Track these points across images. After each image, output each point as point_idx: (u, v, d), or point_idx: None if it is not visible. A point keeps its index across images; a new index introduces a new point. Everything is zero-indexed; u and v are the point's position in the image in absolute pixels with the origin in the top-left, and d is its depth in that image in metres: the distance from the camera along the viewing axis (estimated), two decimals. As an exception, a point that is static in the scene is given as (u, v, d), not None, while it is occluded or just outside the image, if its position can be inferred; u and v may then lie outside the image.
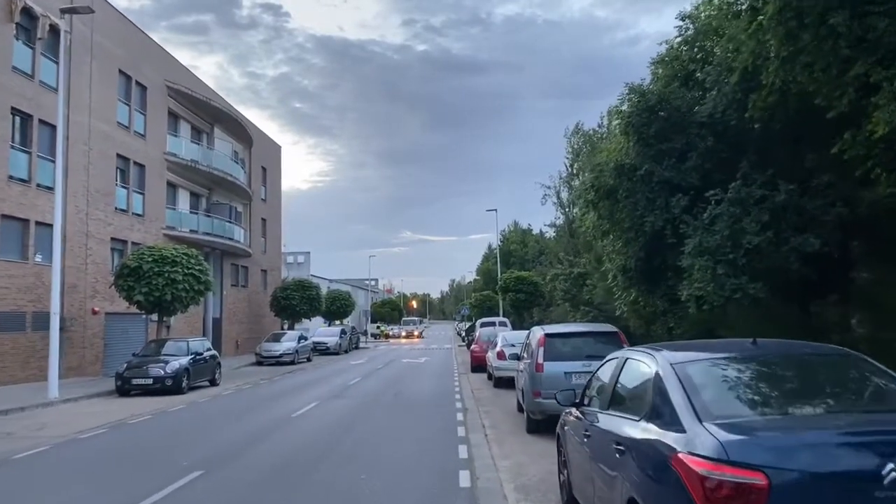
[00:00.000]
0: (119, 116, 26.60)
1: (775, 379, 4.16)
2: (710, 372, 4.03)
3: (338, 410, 14.21)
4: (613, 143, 16.91)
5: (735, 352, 4.34)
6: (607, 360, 5.68)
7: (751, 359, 4.19)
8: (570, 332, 11.37)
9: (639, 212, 14.86)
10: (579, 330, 11.60)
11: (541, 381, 10.28)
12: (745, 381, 4.03)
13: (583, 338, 10.93)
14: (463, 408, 14.24)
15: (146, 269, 21.63)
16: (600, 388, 5.56)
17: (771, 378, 4.15)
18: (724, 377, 4.02)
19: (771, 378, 4.15)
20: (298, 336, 33.38)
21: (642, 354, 4.69)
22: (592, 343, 10.78)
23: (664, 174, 14.63)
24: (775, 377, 4.17)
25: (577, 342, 10.79)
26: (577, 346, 10.69)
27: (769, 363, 4.24)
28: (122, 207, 26.77)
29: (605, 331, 11.03)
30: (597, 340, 10.83)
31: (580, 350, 10.57)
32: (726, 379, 4.01)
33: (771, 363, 4.25)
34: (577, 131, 57.29)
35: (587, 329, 11.61)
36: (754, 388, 4.00)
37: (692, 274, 13.13)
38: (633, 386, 4.72)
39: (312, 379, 23.10)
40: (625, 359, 5.05)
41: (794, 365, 4.30)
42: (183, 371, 18.62)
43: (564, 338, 10.88)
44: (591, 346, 10.70)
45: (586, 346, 10.67)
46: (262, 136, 44.30)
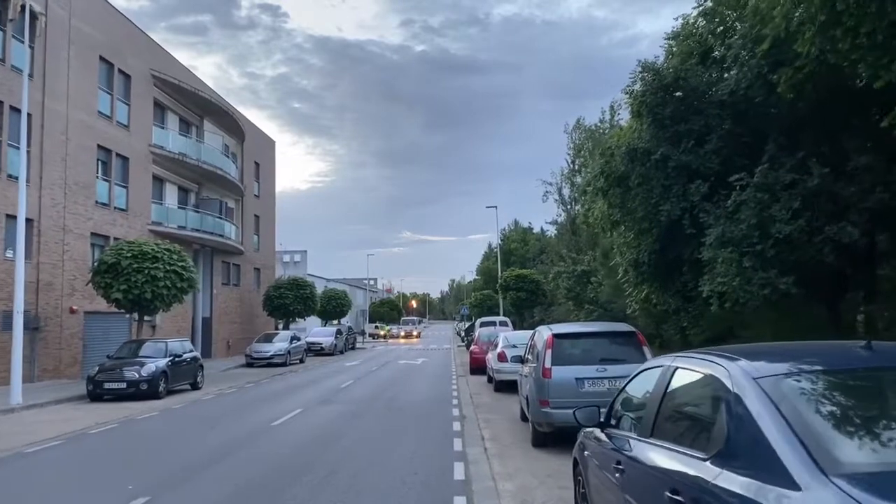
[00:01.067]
0: (100, 106, 25.28)
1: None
2: (817, 392, 2.71)
3: (323, 418, 12.90)
4: (625, 128, 15.57)
5: (845, 360, 3.01)
6: (645, 370, 4.36)
7: (874, 371, 2.86)
8: (582, 332, 10.02)
9: (653, 200, 13.56)
10: (592, 330, 10.26)
11: (549, 388, 8.98)
12: (877, 406, 2.71)
13: (596, 338, 9.60)
14: (460, 415, 12.95)
15: (125, 266, 20.33)
16: (636, 406, 4.26)
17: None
18: (842, 400, 2.70)
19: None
20: (291, 336, 32.07)
21: (703, 363, 3.36)
22: (607, 344, 9.47)
23: (681, 158, 13.33)
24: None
25: (589, 344, 9.48)
26: (589, 348, 9.38)
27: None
28: (103, 201, 25.44)
29: (621, 330, 9.71)
30: (612, 341, 9.52)
31: (593, 353, 9.26)
32: (846, 403, 2.68)
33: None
34: (578, 127, 56.21)
35: (601, 329, 10.28)
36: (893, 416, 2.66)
37: (715, 267, 11.85)
38: (692, 408, 3.42)
39: (302, 382, 21.80)
40: (673, 369, 3.73)
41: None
42: (160, 374, 17.32)
43: (575, 339, 9.56)
44: (605, 348, 9.40)
45: (600, 349, 9.36)
46: (254, 130, 42.97)
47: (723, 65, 14.40)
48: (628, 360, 9.11)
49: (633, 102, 14.40)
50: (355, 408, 14.37)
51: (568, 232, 54.07)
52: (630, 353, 9.22)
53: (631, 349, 9.27)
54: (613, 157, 14.22)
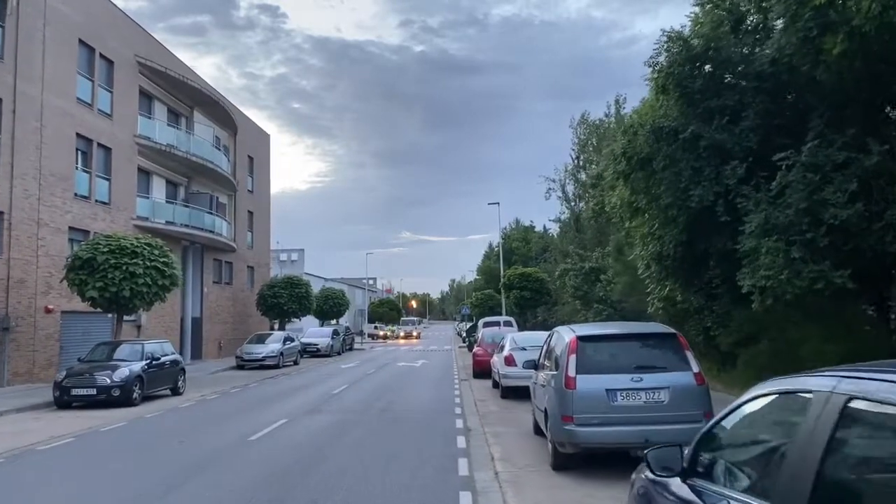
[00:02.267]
0: (80, 92, 23.74)
1: None
2: None
3: (308, 431, 11.36)
4: (646, 106, 14.00)
5: None
6: (768, 395, 2.81)
7: None
8: (612, 334, 8.44)
9: (682, 184, 12.02)
10: (623, 331, 8.63)
11: (573, 401, 7.45)
12: None
13: (628, 342, 8.04)
14: (465, 427, 11.42)
15: (101, 261, 18.81)
16: (757, 453, 2.73)
17: None
18: None
19: None
20: (284, 337, 30.54)
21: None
22: (642, 349, 7.93)
23: (714, 137, 11.79)
24: None
25: (620, 348, 7.93)
26: (621, 353, 7.84)
27: None
28: (83, 194, 23.90)
29: (659, 332, 8.15)
30: (648, 345, 7.98)
31: (626, 359, 7.73)
32: None
33: None
34: (583, 121, 54.66)
35: (634, 330, 8.67)
36: None
37: (757, 259, 10.31)
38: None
39: (293, 386, 20.27)
40: (843, 399, 2.19)
41: None
42: (134, 379, 15.79)
43: (604, 342, 8.00)
44: (640, 353, 7.86)
45: (634, 354, 7.83)
46: (248, 122, 41.44)
47: (757, 35, 12.87)
48: (669, 368, 7.61)
49: (657, 77, 12.85)
50: (346, 418, 12.84)
51: (572, 229, 52.55)
52: (670, 360, 7.70)
53: (671, 354, 7.74)
54: (637, 137, 12.67)
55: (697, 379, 7.52)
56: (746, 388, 9.73)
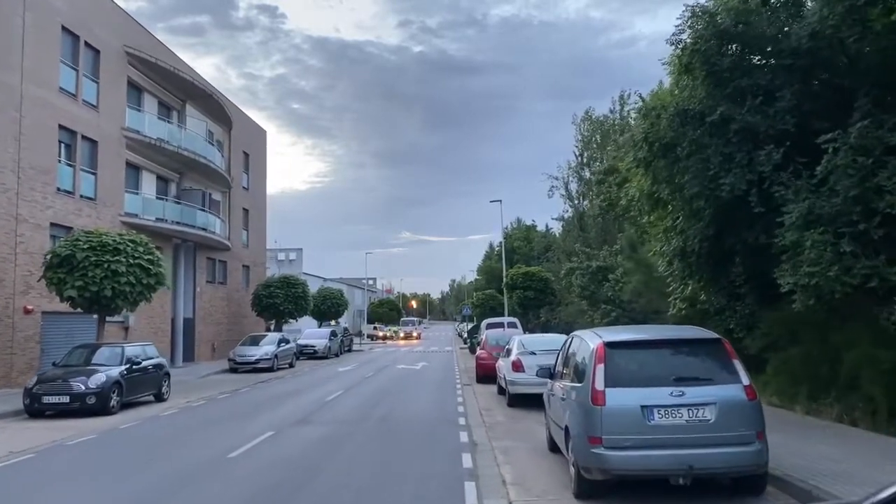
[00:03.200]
0: (63, 82, 22.55)
1: None
2: None
3: (294, 448, 10.19)
4: (664, 92, 12.81)
5: None
6: None
7: None
8: (646, 339, 7.15)
9: (711, 171, 10.85)
10: (659, 336, 7.33)
11: (602, 419, 6.29)
12: None
13: (666, 349, 6.85)
14: (470, 442, 10.26)
15: (80, 259, 17.67)
16: None
17: None
18: None
19: None
20: (279, 339, 29.37)
21: None
22: (682, 357, 6.77)
23: (746, 119, 10.63)
24: None
25: (657, 356, 6.76)
26: (658, 361, 6.68)
27: None
28: (66, 188, 22.73)
29: (701, 337, 6.98)
30: (688, 353, 6.80)
31: (664, 369, 6.57)
32: None
33: None
34: (587, 117, 53.56)
35: (672, 335, 7.46)
36: None
37: (800, 254, 9.14)
38: None
39: (285, 391, 19.10)
40: None
41: None
42: (112, 385, 14.63)
43: (637, 349, 6.83)
44: (680, 362, 6.70)
45: (673, 363, 6.67)
46: (243, 117, 40.27)
47: (790, 9, 11.70)
48: (715, 380, 6.46)
49: (681, 55, 11.68)
50: (339, 430, 11.66)
51: (576, 228, 51.41)
52: (716, 370, 6.54)
53: (716, 363, 6.58)
54: (659, 120, 11.51)
55: (748, 393, 6.37)
56: (779, 396, 8.32)
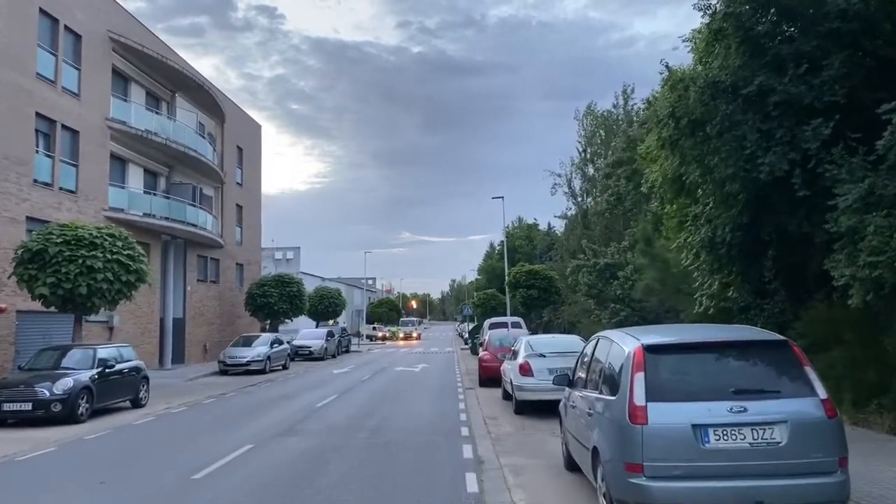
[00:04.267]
0: (40, 67, 21.25)
1: None
2: None
3: (271, 466, 8.89)
4: (685, 70, 11.45)
5: None
6: None
7: None
8: (695, 342, 5.60)
9: (748, 150, 9.55)
10: (711, 338, 5.70)
11: (643, 442, 5.01)
12: None
13: (720, 353, 5.52)
14: (475, 458, 8.98)
15: (53, 254, 16.38)
16: None
17: None
18: None
19: None
20: (272, 340, 28.06)
21: None
22: (741, 364, 5.48)
23: (789, 90, 9.33)
24: None
25: (710, 363, 5.45)
26: (711, 370, 5.39)
27: None
28: (44, 180, 21.41)
29: (763, 339, 5.68)
30: (751, 358, 5.51)
31: (720, 378, 5.29)
32: None
33: None
34: (589, 113, 52.27)
35: (725, 336, 6.06)
36: None
37: (860, 241, 7.85)
38: None
39: (274, 396, 17.81)
40: None
41: None
42: (80, 391, 13.33)
43: (685, 354, 5.51)
44: (739, 369, 5.42)
45: (730, 371, 5.39)
46: (237, 111, 38.96)
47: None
48: (784, 393, 5.17)
49: (710, 22, 10.39)
50: (326, 443, 10.36)
51: (579, 226, 50.13)
52: (784, 380, 5.26)
53: (784, 372, 5.29)
54: (688, 92, 10.20)
55: (827, 408, 5.09)
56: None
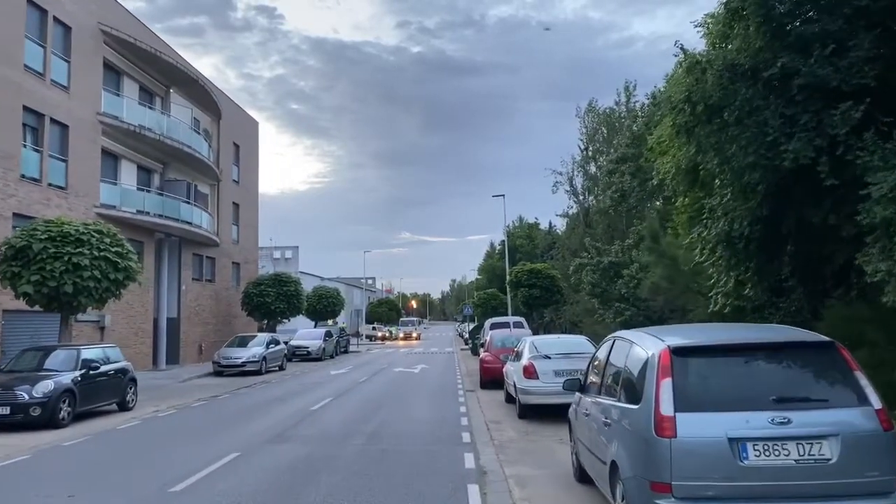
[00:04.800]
0: (28, 59, 20.61)
1: None
2: None
3: (257, 477, 8.23)
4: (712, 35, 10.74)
5: None
6: None
7: None
8: (729, 344, 4.93)
9: (770, 137, 8.88)
10: (747, 339, 5.07)
11: (671, 457, 4.37)
12: None
13: (758, 356, 4.86)
14: (477, 468, 8.33)
15: (37, 250, 15.75)
16: None
17: None
18: None
19: None
20: (268, 340, 27.42)
21: None
22: (784, 368, 4.83)
23: (815, 72, 8.68)
24: None
25: (747, 367, 4.79)
26: (749, 375, 4.74)
27: None
28: (32, 176, 20.79)
29: (805, 340, 5.02)
30: (793, 362, 4.85)
31: (758, 385, 4.64)
32: None
33: None
34: (591, 110, 51.64)
35: (762, 337, 5.30)
36: None
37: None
38: None
39: (268, 398, 17.17)
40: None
41: None
42: (61, 394, 12.68)
43: (718, 356, 4.85)
44: (781, 375, 4.77)
45: (770, 377, 4.74)
46: (233, 108, 38.31)
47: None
48: (832, 402, 4.52)
49: (728, 1, 9.73)
50: (318, 452, 9.71)
51: (581, 224, 49.50)
52: (832, 387, 4.61)
53: (831, 378, 4.64)
54: (706, 74, 9.54)
55: (882, 420, 4.43)
56: None
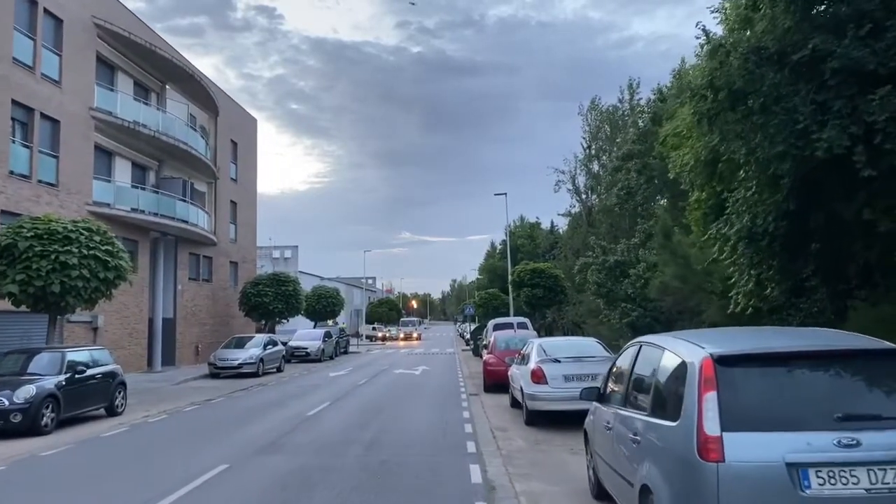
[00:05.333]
0: (17, 52, 19.97)
1: None
2: None
3: (243, 495, 7.59)
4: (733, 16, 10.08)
5: None
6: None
7: None
8: (785, 352, 4.20)
9: (800, 124, 8.24)
10: (803, 347, 4.32)
11: (718, 485, 3.72)
12: None
13: (818, 366, 4.22)
14: (485, 482, 7.68)
15: (23, 249, 15.12)
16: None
17: None
18: None
19: None
20: (265, 341, 26.76)
21: None
22: (848, 381, 4.16)
23: (850, 54, 8.03)
24: None
25: (806, 379, 4.15)
26: (808, 388, 4.09)
27: None
28: (21, 172, 20.15)
29: (871, 348, 4.36)
30: (858, 374, 4.17)
31: (819, 400, 4.00)
32: None
33: None
34: (594, 107, 51.06)
35: (819, 344, 4.57)
36: None
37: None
38: None
39: (263, 403, 16.52)
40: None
41: None
42: (44, 399, 12.04)
43: (771, 366, 4.20)
44: (845, 388, 4.12)
45: (834, 391, 4.10)
46: (231, 105, 37.69)
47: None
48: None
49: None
50: (312, 463, 9.06)
51: (584, 223, 48.86)
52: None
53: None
54: (730, 58, 8.87)
55: (966, 442, 3.79)
56: None
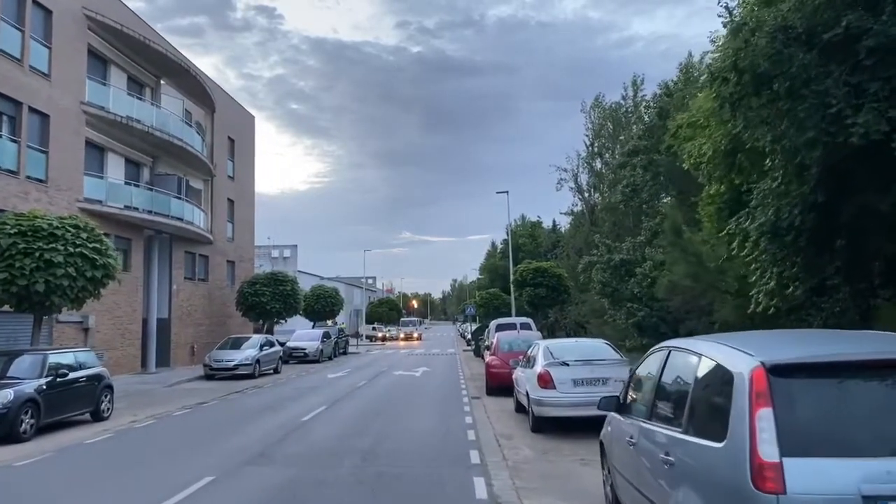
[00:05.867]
0: (4, 43, 19.33)
1: None
2: None
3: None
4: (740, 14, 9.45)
5: None
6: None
7: None
8: (851, 360, 3.48)
9: (833, 109, 7.59)
10: (874, 356, 3.52)
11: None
12: None
13: (886, 379, 3.61)
14: (491, 500, 7.02)
15: (5, 246, 14.51)
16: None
17: None
18: None
19: None
20: (262, 342, 26.12)
21: None
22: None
23: (888, 32, 7.37)
24: None
25: (876, 394, 3.48)
26: (879, 406, 3.43)
27: None
28: (8, 167, 19.50)
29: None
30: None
31: (887, 415, 3.34)
32: None
33: None
34: (597, 105, 50.45)
35: (886, 352, 4.18)
36: None
37: None
38: None
39: (257, 406, 15.88)
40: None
41: None
42: (23, 404, 11.39)
43: (835, 378, 3.54)
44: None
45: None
46: (228, 100, 37.04)
47: None
48: None
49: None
50: (303, 476, 8.40)
51: (587, 222, 48.25)
52: None
53: None
54: (756, 37, 8.21)
55: None
56: None
